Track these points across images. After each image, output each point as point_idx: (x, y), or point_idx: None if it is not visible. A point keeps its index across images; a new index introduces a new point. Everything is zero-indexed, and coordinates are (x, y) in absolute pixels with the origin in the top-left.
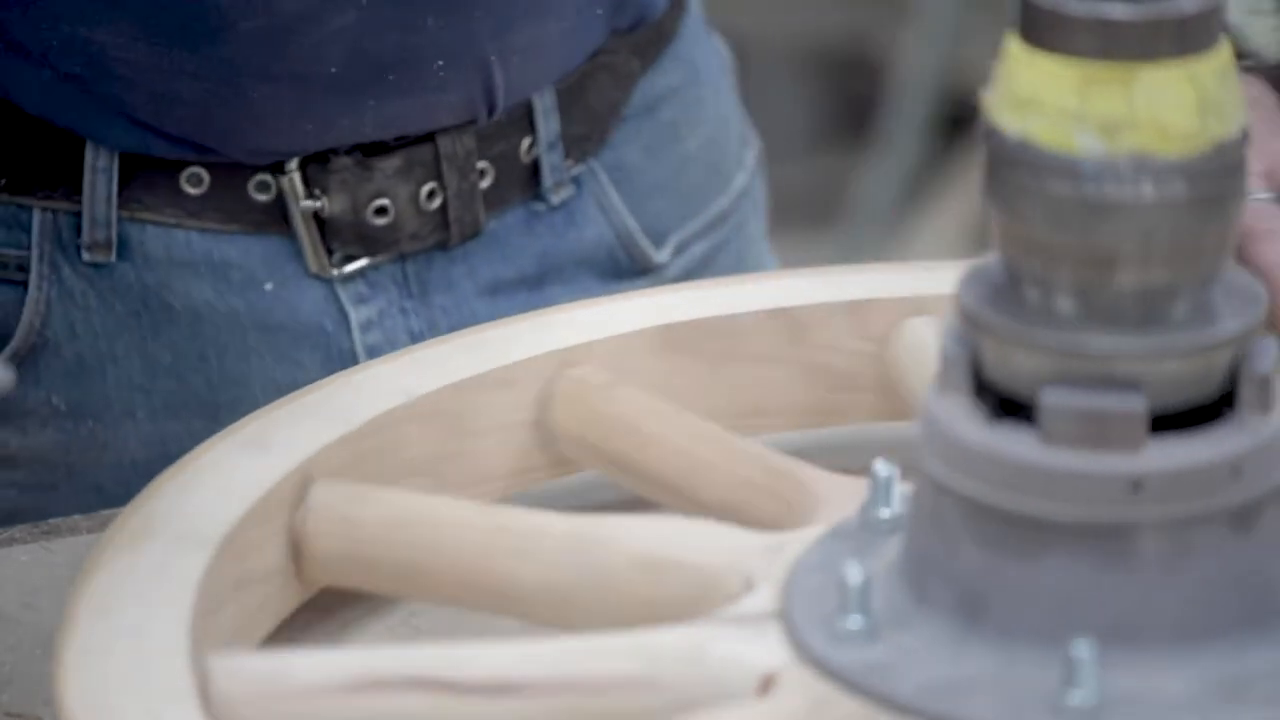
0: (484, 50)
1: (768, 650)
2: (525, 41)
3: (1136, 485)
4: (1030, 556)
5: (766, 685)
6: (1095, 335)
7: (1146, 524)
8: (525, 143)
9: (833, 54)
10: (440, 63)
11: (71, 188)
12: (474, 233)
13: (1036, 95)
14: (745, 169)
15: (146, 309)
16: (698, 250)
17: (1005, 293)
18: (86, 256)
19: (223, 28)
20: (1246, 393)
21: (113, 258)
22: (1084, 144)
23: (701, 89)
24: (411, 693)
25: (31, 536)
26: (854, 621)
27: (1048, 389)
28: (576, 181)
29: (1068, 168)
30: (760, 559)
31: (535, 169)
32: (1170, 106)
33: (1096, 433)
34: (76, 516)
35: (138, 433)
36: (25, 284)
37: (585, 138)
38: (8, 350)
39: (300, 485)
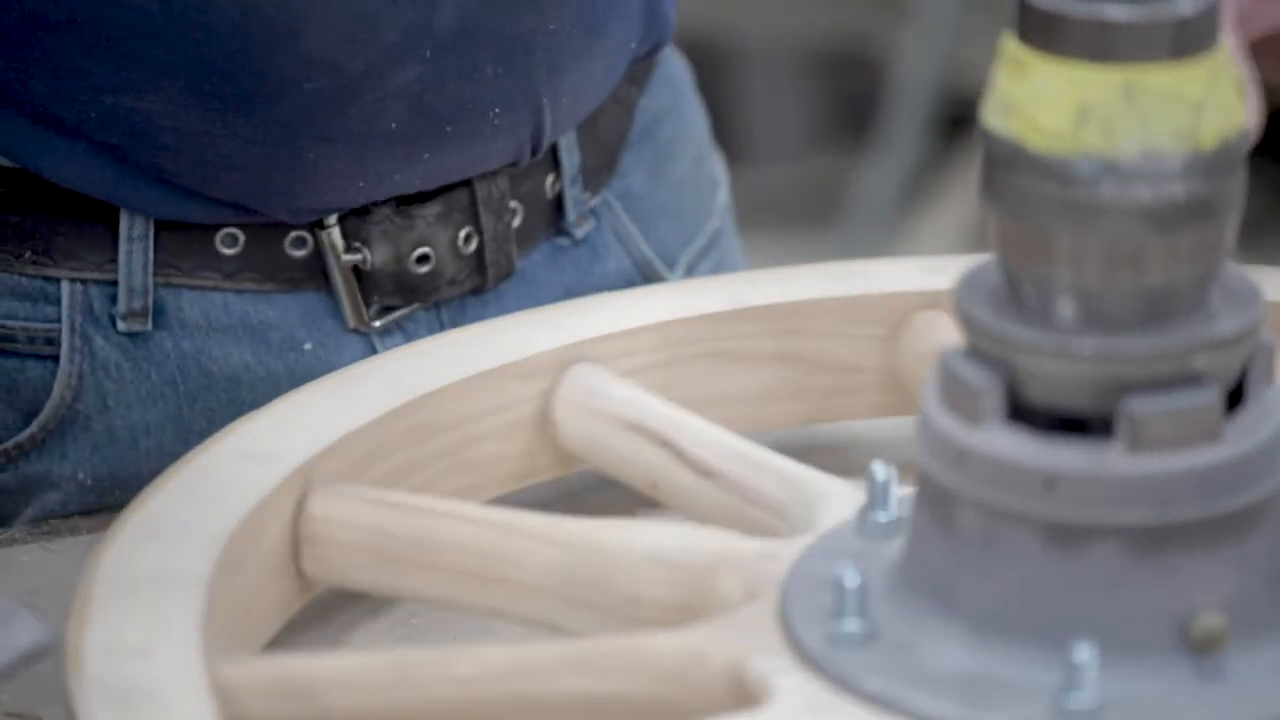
0: (538, 94)
1: (832, 518)
2: (574, 82)
3: (961, 459)
4: (916, 502)
5: None
6: (978, 308)
7: (965, 501)
8: (550, 179)
9: (833, 54)
10: (496, 110)
11: (104, 257)
12: (508, 273)
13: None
14: (723, 184)
15: (184, 377)
16: (703, 271)
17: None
18: (122, 326)
19: (284, 90)
20: (1121, 426)
21: (149, 326)
22: (994, 121)
23: (684, 108)
24: (656, 445)
25: (32, 536)
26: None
27: (948, 351)
28: (595, 214)
29: (985, 137)
30: None
31: (559, 204)
32: (1045, 104)
33: (954, 399)
34: (76, 517)
35: None
36: (55, 358)
37: (600, 169)
38: (35, 424)
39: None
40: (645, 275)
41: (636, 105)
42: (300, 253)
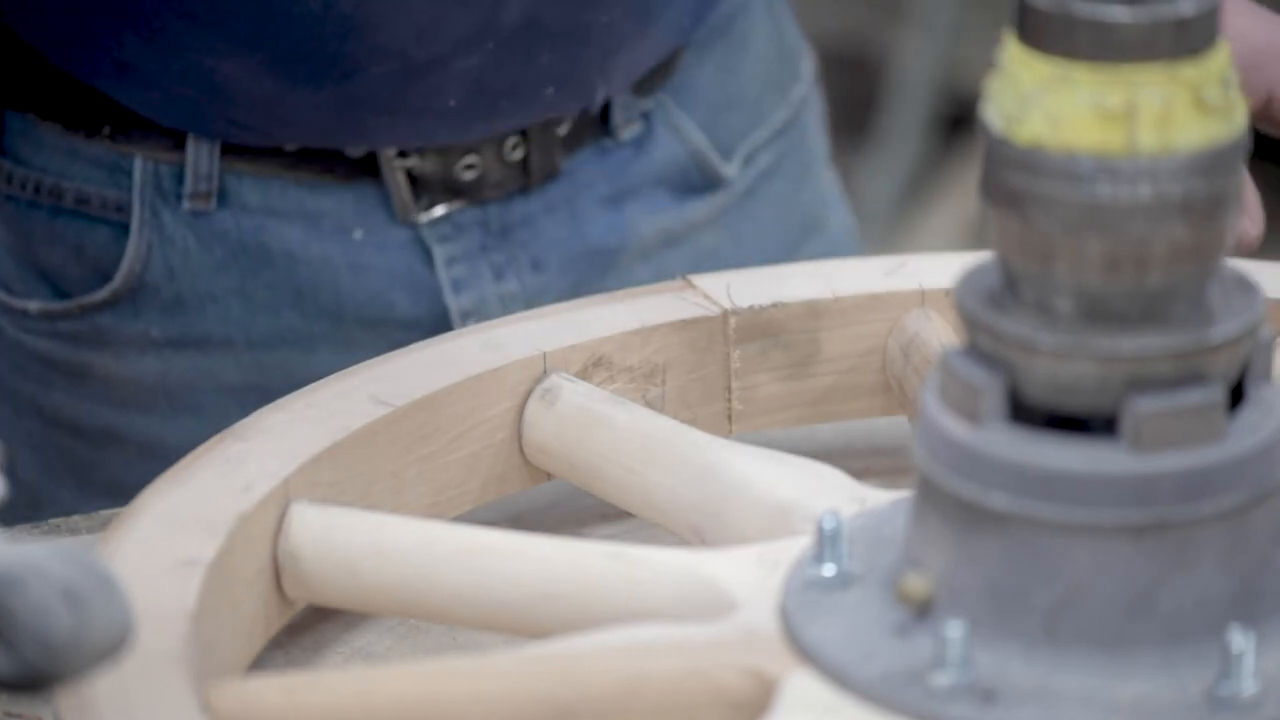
0: (591, 75)
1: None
2: (625, 62)
3: (961, 457)
4: (914, 502)
5: None
6: (978, 307)
7: (965, 500)
8: (600, 91)
9: (833, 54)
10: (550, 89)
11: (174, 145)
12: (552, 175)
13: None
14: (803, 79)
15: (244, 253)
16: (763, 161)
17: None
18: (187, 205)
19: (353, 72)
20: (1125, 425)
21: (212, 207)
22: (993, 120)
23: (762, 1)
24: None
25: (31, 537)
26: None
27: (948, 350)
28: (645, 116)
29: (985, 136)
30: None
31: (606, 111)
32: (1046, 103)
33: (954, 398)
34: (76, 517)
35: (237, 362)
36: (124, 225)
37: (653, 77)
38: (107, 289)
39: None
40: (698, 165)
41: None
42: (357, 153)
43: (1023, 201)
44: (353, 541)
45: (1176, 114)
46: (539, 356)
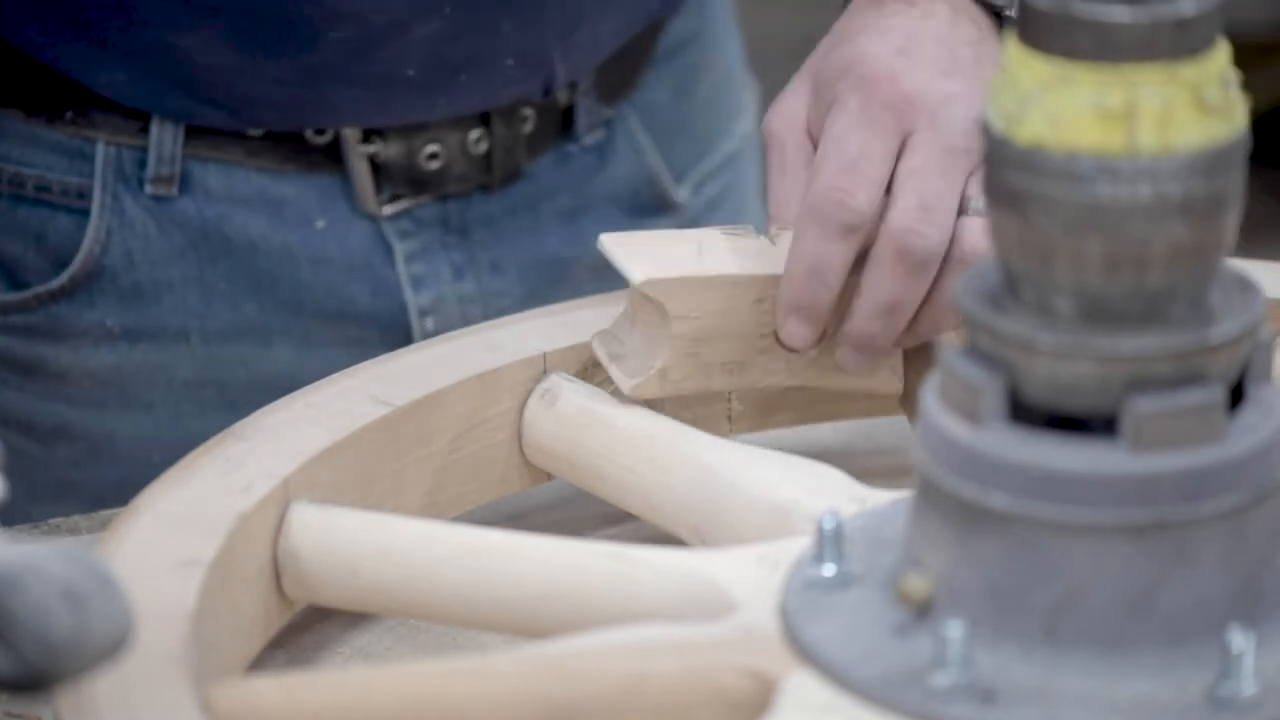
0: (550, 48)
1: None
2: (586, 38)
3: (961, 458)
4: (915, 502)
5: None
6: (978, 307)
7: (965, 500)
8: (564, 90)
9: None
10: (510, 61)
11: (137, 128)
12: (514, 174)
13: None
14: (748, 113)
15: (205, 240)
16: (711, 190)
17: None
18: (149, 190)
19: (312, 37)
20: (1125, 425)
21: (175, 192)
22: (993, 120)
23: (714, 33)
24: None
25: (31, 537)
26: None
27: (948, 350)
28: (608, 124)
29: (984, 136)
30: None
31: (571, 114)
32: (1045, 103)
33: (955, 398)
34: (76, 516)
35: (191, 356)
36: (85, 212)
37: (617, 84)
38: (65, 274)
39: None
40: (651, 186)
41: (664, 28)
42: (320, 140)
43: (1023, 201)
44: (353, 541)
45: (1176, 114)
46: (539, 356)
